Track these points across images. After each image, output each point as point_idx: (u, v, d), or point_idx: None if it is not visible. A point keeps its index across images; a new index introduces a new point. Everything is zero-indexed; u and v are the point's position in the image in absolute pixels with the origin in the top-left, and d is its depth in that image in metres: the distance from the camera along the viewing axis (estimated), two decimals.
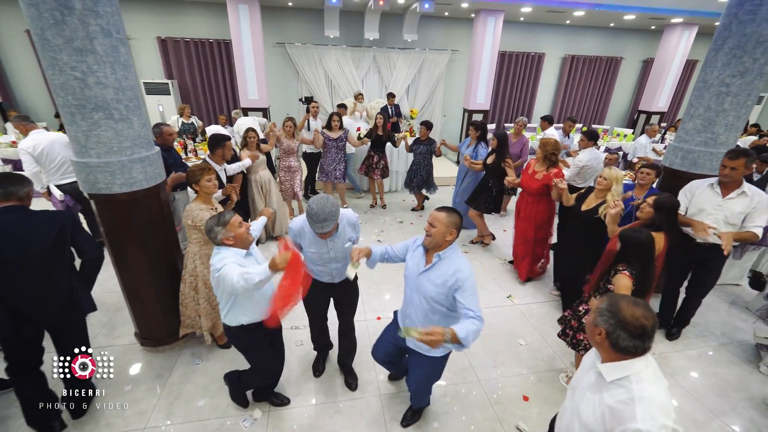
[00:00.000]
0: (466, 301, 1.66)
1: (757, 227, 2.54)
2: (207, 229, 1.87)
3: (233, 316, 1.98)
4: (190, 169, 2.59)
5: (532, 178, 3.53)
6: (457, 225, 1.73)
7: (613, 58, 9.62)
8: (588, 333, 1.23)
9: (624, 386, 1.11)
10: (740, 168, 2.53)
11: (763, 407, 2.56)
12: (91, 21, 1.94)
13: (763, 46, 2.76)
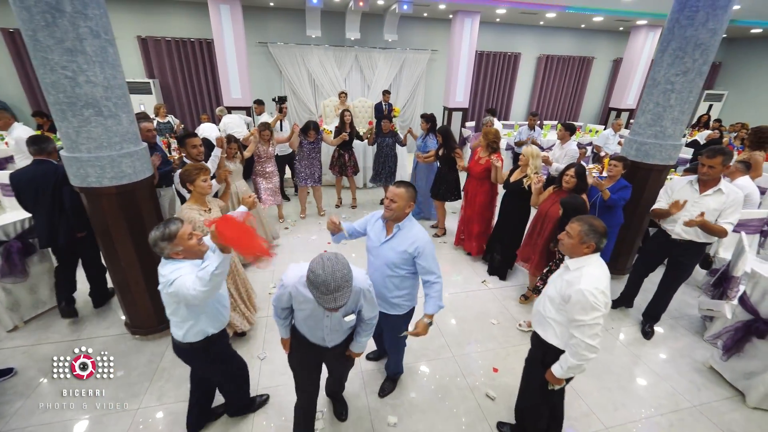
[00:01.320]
0: (427, 264, 1.94)
1: (729, 224, 2.61)
2: (151, 243, 1.63)
3: (199, 328, 1.79)
4: (185, 168, 2.49)
5: (477, 163, 4.01)
6: (414, 198, 1.96)
7: (585, 58, 10.06)
8: (572, 249, 1.75)
9: (580, 269, 1.70)
10: (717, 166, 2.61)
11: (703, 369, 2.87)
12: (80, 23, 2.07)
13: (700, 48, 3.07)
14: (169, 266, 1.64)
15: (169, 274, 1.61)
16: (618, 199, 3.28)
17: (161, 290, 1.66)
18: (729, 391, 2.68)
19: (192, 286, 1.54)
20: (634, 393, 2.65)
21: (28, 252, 3.01)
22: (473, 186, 4.12)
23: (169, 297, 1.66)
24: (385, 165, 5.33)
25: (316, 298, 1.40)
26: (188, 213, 2.41)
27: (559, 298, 1.73)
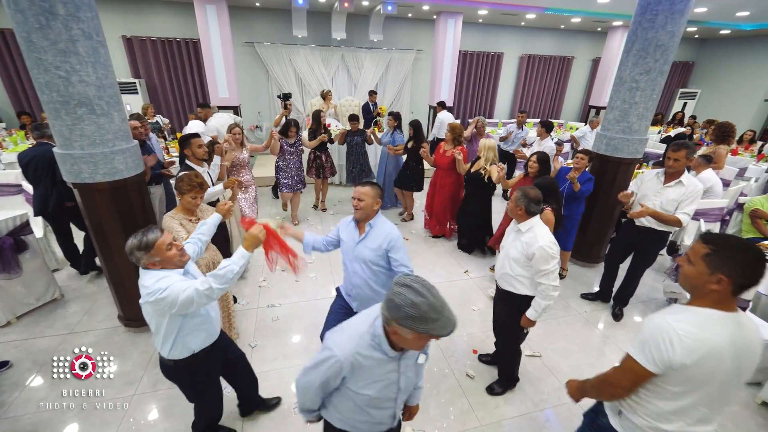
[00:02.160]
0: (399, 257, 2.00)
1: (684, 214, 2.78)
2: (127, 251, 1.53)
3: (182, 344, 1.70)
4: (182, 177, 2.35)
5: (443, 156, 4.39)
6: (380, 195, 2.05)
7: (565, 58, 10.37)
8: (511, 211, 2.18)
9: (531, 231, 2.11)
10: (682, 159, 2.79)
11: None
12: (73, 25, 2.16)
13: (660, 49, 3.30)
14: (150, 276, 1.54)
15: (154, 284, 1.50)
16: (585, 190, 3.51)
17: (143, 302, 1.54)
18: None
19: (203, 287, 1.50)
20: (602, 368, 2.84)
21: (21, 249, 3.07)
22: (441, 176, 4.49)
23: (154, 307, 1.54)
24: (357, 163, 5.48)
25: (430, 331, 1.06)
26: (169, 223, 2.28)
27: (523, 258, 2.11)
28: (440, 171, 4.51)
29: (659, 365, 1.18)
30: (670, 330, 1.16)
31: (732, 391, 1.23)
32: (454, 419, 2.41)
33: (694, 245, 1.25)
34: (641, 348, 1.22)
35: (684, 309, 1.22)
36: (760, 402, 2.57)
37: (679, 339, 1.14)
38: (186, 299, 1.50)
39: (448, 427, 2.36)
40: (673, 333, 1.15)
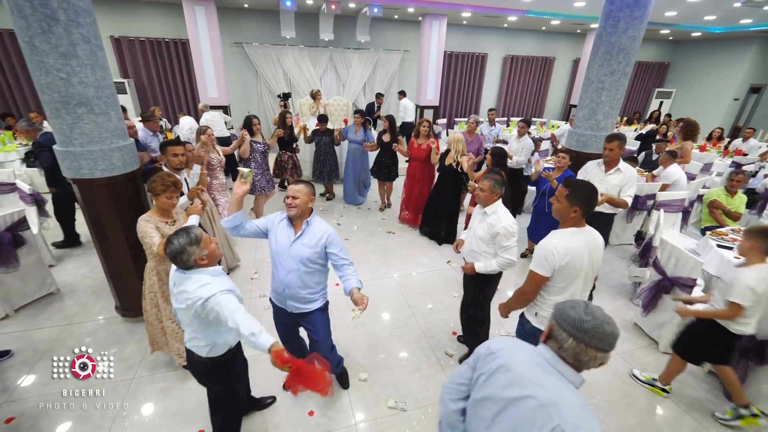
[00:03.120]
0: (338, 250, 2.07)
1: (628, 196, 3.18)
2: (176, 251, 1.54)
3: (222, 341, 1.76)
4: (153, 179, 2.31)
5: (419, 149, 4.77)
6: (314, 193, 2.06)
7: (547, 58, 10.72)
8: (486, 199, 2.41)
9: (495, 213, 2.38)
10: (615, 149, 3.14)
11: (629, 326, 3.38)
12: (73, 30, 2.31)
13: (622, 52, 3.58)
14: (193, 281, 1.56)
15: (196, 290, 1.53)
16: None
17: (186, 309, 1.56)
18: (646, 341, 3.20)
19: (233, 316, 1.49)
20: None
21: (19, 244, 3.18)
22: (418, 169, 4.86)
23: (198, 314, 1.57)
24: (326, 163, 5.61)
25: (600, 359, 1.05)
26: (143, 226, 2.24)
27: (488, 237, 2.41)
28: (417, 163, 4.86)
29: (548, 270, 1.84)
30: (551, 246, 1.82)
31: (591, 279, 1.95)
32: (433, 392, 2.63)
33: (560, 189, 1.92)
34: (538, 264, 1.87)
35: (556, 232, 1.90)
36: (707, 371, 2.85)
37: (556, 250, 1.80)
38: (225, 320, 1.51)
39: (427, 398, 2.58)
40: (552, 248, 1.81)
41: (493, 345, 1.18)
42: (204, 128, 3.89)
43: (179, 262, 1.58)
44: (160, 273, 2.39)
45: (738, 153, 6.99)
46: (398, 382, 2.70)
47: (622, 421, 2.47)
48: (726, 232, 3.68)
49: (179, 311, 1.65)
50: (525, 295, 1.99)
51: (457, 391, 1.24)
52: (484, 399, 1.11)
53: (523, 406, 1.00)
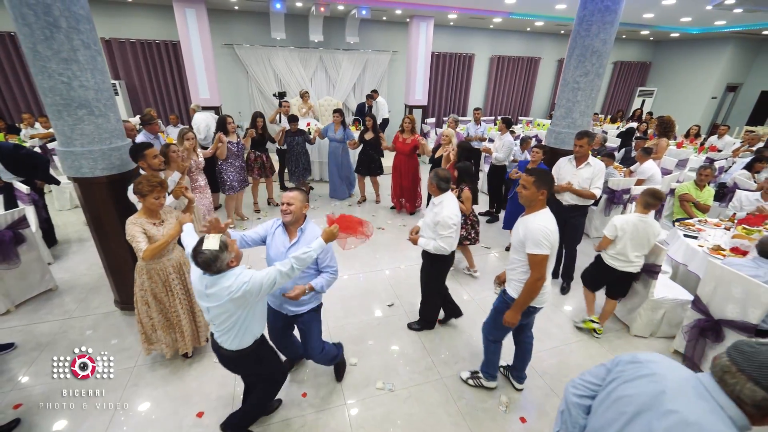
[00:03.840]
0: (327, 259, 2.14)
1: (596, 188, 3.43)
2: (209, 260, 1.62)
3: (250, 332, 1.88)
4: (139, 180, 2.32)
5: (404, 144, 5.10)
6: (307, 200, 2.15)
7: (533, 58, 10.99)
8: (431, 190, 2.72)
9: (441, 204, 2.66)
10: (585, 145, 3.37)
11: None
12: (74, 37, 2.44)
13: (595, 54, 3.80)
14: (227, 277, 1.68)
15: (235, 281, 1.66)
16: None
17: (223, 304, 1.68)
18: (619, 325, 3.43)
19: (285, 269, 1.76)
20: (547, 331, 3.33)
21: (19, 241, 3.29)
22: (403, 162, 5.18)
23: (239, 302, 1.69)
24: (299, 162, 5.74)
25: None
26: (130, 229, 2.29)
27: (432, 224, 2.69)
28: (402, 157, 5.18)
29: (549, 248, 2.06)
30: (544, 228, 2.05)
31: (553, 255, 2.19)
32: (419, 374, 2.82)
33: (525, 177, 2.15)
34: (538, 246, 2.05)
35: (534, 215, 2.13)
36: (673, 351, 3.08)
37: (548, 229, 2.05)
38: (270, 281, 1.73)
39: (413, 380, 2.76)
40: (546, 228, 2.05)
41: (640, 355, 1.17)
42: (185, 130, 3.86)
43: (212, 269, 1.64)
44: (150, 272, 2.48)
45: (713, 149, 7.31)
46: (386, 365, 2.88)
47: None
48: (693, 222, 3.93)
49: (212, 309, 1.74)
50: (539, 281, 2.10)
51: (586, 389, 1.27)
52: (623, 398, 1.10)
53: (666, 418, 0.96)
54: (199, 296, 1.78)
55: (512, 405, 2.58)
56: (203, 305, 1.77)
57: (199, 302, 1.81)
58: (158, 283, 2.52)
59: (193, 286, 1.79)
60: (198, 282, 1.74)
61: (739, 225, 3.64)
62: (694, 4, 6.62)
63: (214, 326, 1.84)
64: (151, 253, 2.28)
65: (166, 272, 2.54)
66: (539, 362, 2.96)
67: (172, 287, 2.57)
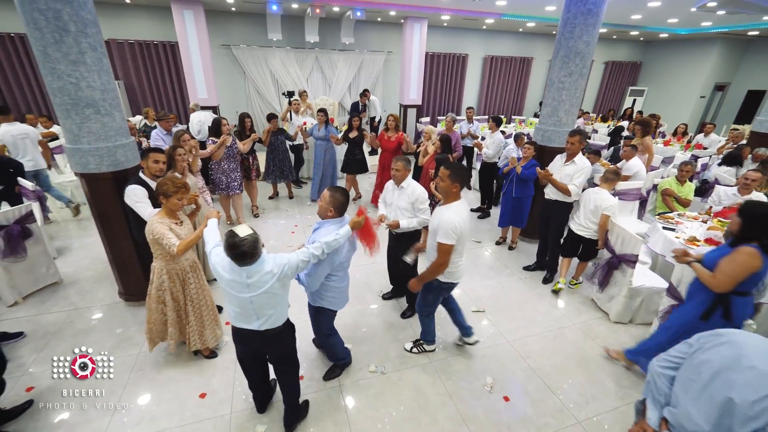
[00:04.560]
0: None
1: (574, 185, 3.58)
2: (253, 247, 1.72)
3: (286, 304, 2.05)
4: (163, 180, 2.39)
5: (389, 141, 5.32)
6: (336, 205, 2.21)
7: (525, 58, 11.18)
8: (399, 175, 2.98)
9: (409, 186, 2.98)
10: (576, 143, 3.57)
11: (587, 301, 3.78)
12: (82, 40, 2.59)
13: (579, 55, 3.97)
14: (266, 263, 1.83)
15: (275, 264, 1.83)
16: (529, 174, 4.16)
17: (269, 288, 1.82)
18: (600, 313, 3.61)
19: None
20: (532, 319, 3.51)
21: (26, 235, 3.42)
22: (388, 158, 5.32)
23: (283, 281, 1.88)
24: (284, 161, 5.79)
25: None
26: (158, 228, 2.33)
27: (409, 205, 2.98)
28: (387, 154, 5.36)
29: (455, 239, 2.31)
30: (452, 220, 2.28)
31: (467, 240, 2.51)
32: (409, 358, 2.98)
33: (443, 170, 2.36)
34: (446, 236, 2.30)
35: (448, 206, 2.37)
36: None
37: (456, 221, 2.27)
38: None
39: (404, 363, 2.93)
40: (452, 220, 2.28)
41: (720, 330, 1.33)
42: (181, 132, 3.74)
43: (255, 256, 1.76)
44: (170, 272, 2.52)
45: (699, 147, 7.52)
46: (378, 350, 3.05)
47: (574, 378, 2.86)
48: (672, 216, 4.12)
49: (257, 298, 1.84)
50: (442, 266, 2.42)
51: (670, 362, 1.45)
52: (705, 362, 1.28)
53: (745, 374, 1.16)
54: (238, 290, 1.83)
55: (496, 386, 2.75)
56: (245, 297, 1.83)
57: (237, 297, 1.85)
58: (176, 282, 2.58)
59: (227, 282, 1.83)
60: (236, 275, 1.80)
61: (715, 218, 3.83)
62: (679, 5, 6.82)
63: (255, 315, 1.91)
64: (185, 247, 2.35)
65: (185, 272, 2.59)
66: (523, 346, 3.14)
67: (188, 286, 2.63)
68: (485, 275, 4.21)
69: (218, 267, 1.86)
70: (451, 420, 2.47)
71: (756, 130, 6.11)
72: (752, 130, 6.24)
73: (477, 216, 5.80)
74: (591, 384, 2.80)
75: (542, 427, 2.45)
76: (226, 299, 1.94)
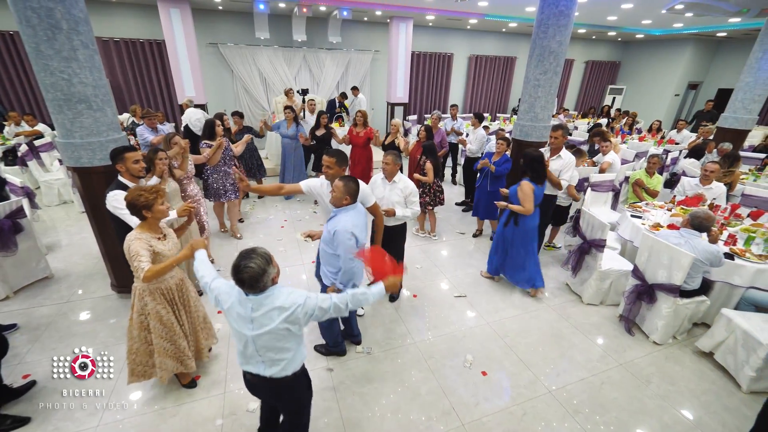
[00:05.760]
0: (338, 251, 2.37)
1: (564, 180, 3.80)
2: (257, 275, 1.50)
3: (301, 354, 1.76)
4: (137, 192, 2.07)
5: (358, 137, 5.46)
6: (350, 192, 2.32)
7: (509, 57, 11.47)
8: (389, 169, 3.17)
9: (402, 181, 3.25)
10: (560, 137, 3.78)
11: (562, 286, 4.01)
12: (74, 37, 2.68)
13: (553, 54, 4.20)
14: (276, 297, 1.58)
15: (287, 299, 1.58)
16: (503, 169, 4.38)
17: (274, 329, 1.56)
18: (574, 296, 3.84)
19: (341, 304, 1.69)
20: (510, 302, 3.72)
21: (17, 230, 3.48)
22: (357, 153, 5.52)
23: (296, 322, 1.60)
24: (251, 160, 5.77)
25: None
26: (134, 246, 2.02)
27: (402, 199, 3.18)
28: (357, 149, 5.52)
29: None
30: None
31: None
32: (394, 339, 3.16)
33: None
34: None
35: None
36: (619, 315, 3.50)
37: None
38: (321, 308, 1.64)
39: (388, 344, 3.10)
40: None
41: None
42: (171, 135, 3.64)
43: (258, 286, 1.53)
44: (153, 293, 2.22)
45: (671, 142, 7.89)
46: (365, 332, 3.21)
47: (547, 353, 3.07)
48: (640, 205, 4.38)
49: (262, 336, 1.58)
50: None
51: None
52: None
53: None
54: (241, 325, 1.60)
55: (475, 362, 2.94)
56: (248, 335, 1.59)
57: (240, 333, 1.62)
58: (163, 303, 2.26)
59: (232, 315, 1.62)
60: (240, 306, 1.59)
61: (678, 206, 4.11)
62: (650, 7, 7.15)
63: (259, 357, 1.65)
64: (153, 275, 2.01)
65: (171, 291, 2.30)
66: (501, 327, 3.35)
67: (177, 306, 2.35)
68: (467, 264, 4.41)
69: (222, 297, 1.66)
70: (433, 393, 2.65)
71: (721, 126, 6.47)
72: (717, 125, 6.61)
73: (462, 209, 6.01)
74: (562, 359, 3.01)
75: (516, 396, 2.65)
76: (232, 334, 1.72)
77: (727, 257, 3.11)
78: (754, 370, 2.63)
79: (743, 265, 3.09)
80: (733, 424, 2.49)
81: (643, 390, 2.73)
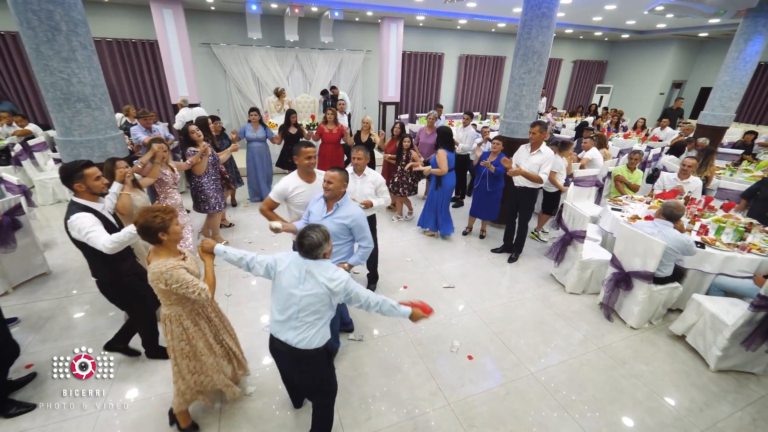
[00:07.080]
0: (360, 234, 2.51)
1: (543, 173, 3.93)
2: (315, 245, 1.76)
3: (326, 330, 1.90)
4: (153, 214, 1.86)
5: (330, 134, 5.61)
6: (347, 179, 2.45)
7: (499, 57, 11.67)
8: (361, 164, 3.18)
9: (370, 174, 3.25)
10: (537, 133, 3.94)
11: (546, 276, 4.19)
12: (73, 38, 2.78)
13: (537, 54, 4.37)
14: (326, 267, 1.80)
15: (332, 274, 1.78)
16: (502, 169, 4.53)
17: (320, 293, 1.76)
18: (557, 285, 4.02)
19: (379, 301, 1.88)
20: (497, 292, 3.88)
21: (16, 227, 3.55)
22: (329, 150, 5.67)
23: (335, 295, 1.79)
24: (230, 167, 5.54)
25: None
26: (180, 275, 1.86)
27: (373, 191, 3.24)
28: (329, 146, 5.65)
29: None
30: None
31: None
32: (384, 327, 3.30)
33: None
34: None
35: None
36: (599, 303, 3.68)
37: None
38: (361, 295, 1.85)
39: (380, 332, 3.24)
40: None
41: None
42: (157, 137, 3.54)
43: (314, 253, 1.77)
44: (191, 314, 2.05)
45: (654, 139, 8.14)
46: (356, 321, 3.34)
47: (531, 339, 3.23)
48: (621, 199, 4.58)
49: (306, 297, 1.77)
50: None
51: None
52: None
53: None
54: (294, 284, 1.79)
55: (462, 347, 3.09)
56: (296, 294, 1.78)
57: (289, 294, 1.80)
58: (200, 324, 2.11)
59: (285, 276, 1.82)
60: (295, 268, 1.81)
61: (656, 199, 4.31)
62: (633, 9, 7.38)
63: (295, 322, 1.80)
64: (214, 289, 2.02)
65: (205, 307, 2.16)
66: (487, 315, 3.50)
67: (212, 320, 2.22)
68: (456, 257, 4.57)
69: (278, 261, 1.87)
70: (420, 376, 2.80)
71: (701, 123, 6.71)
72: (697, 123, 6.85)
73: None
74: (544, 344, 3.18)
75: (500, 378, 2.81)
76: (272, 303, 1.88)
77: (698, 246, 3.30)
78: (720, 349, 2.82)
79: (713, 253, 3.28)
80: (700, 399, 2.67)
81: (619, 370, 2.91)
